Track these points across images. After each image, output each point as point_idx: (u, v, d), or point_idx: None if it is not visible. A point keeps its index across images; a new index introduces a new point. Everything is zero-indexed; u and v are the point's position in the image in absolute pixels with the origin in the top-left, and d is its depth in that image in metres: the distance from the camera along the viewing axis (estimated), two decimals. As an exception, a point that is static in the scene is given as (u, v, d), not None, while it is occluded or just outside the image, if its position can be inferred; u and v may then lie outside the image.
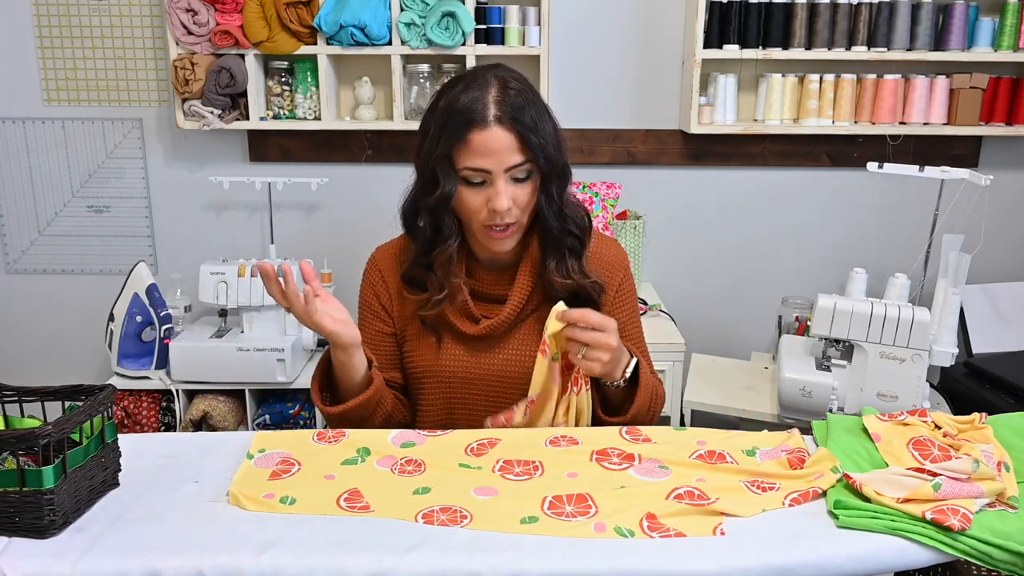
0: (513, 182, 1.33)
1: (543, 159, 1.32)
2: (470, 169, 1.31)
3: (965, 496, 1.06)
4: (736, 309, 2.85)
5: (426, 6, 2.46)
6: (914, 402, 1.80)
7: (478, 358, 1.43)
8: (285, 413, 2.51)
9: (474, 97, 1.30)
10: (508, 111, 1.30)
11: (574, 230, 1.41)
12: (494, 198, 1.31)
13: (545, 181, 1.35)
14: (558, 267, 1.40)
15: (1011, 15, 2.46)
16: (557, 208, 1.37)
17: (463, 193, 1.33)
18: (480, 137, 1.29)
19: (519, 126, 1.30)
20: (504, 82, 1.33)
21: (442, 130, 1.32)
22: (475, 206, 1.34)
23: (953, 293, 1.89)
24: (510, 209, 1.32)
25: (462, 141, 1.30)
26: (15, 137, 2.73)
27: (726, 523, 1.05)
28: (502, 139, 1.29)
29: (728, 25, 2.48)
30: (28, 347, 2.89)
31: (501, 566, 0.97)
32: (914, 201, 2.63)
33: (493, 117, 1.29)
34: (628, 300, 1.53)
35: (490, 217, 1.33)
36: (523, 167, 1.32)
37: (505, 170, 1.31)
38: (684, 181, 2.75)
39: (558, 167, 1.35)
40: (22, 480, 1.00)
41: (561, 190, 1.38)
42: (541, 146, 1.31)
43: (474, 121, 1.29)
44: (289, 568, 0.96)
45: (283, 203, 2.73)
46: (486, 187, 1.32)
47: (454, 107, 1.31)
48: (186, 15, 2.45)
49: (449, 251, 1.38)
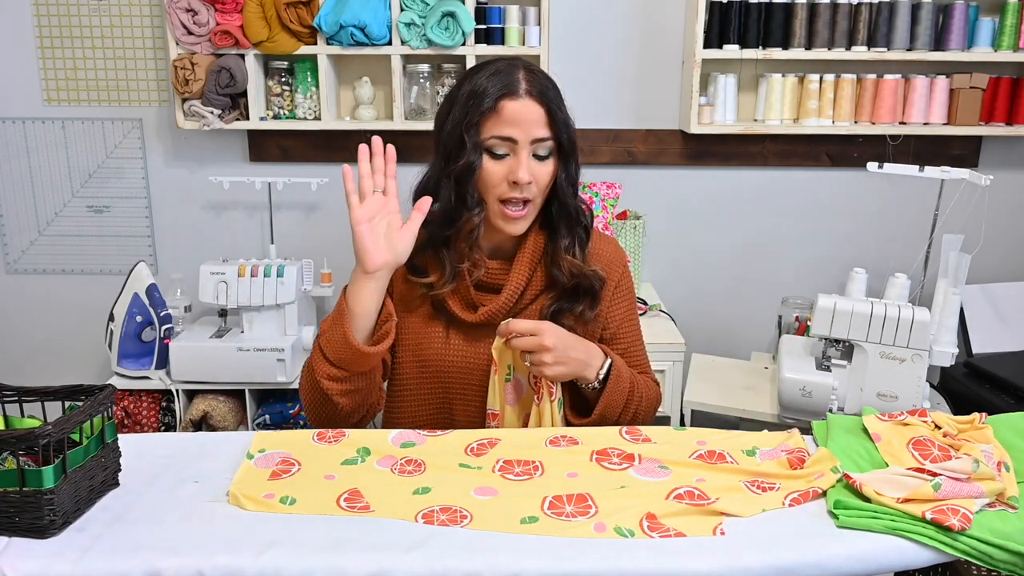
0: (535, 159, 1.37)
1: (565, 136, 1.38)
2: (497, 138, 1.35)
3: (965, 496, 1.06)
4: (736, 309, 2.85)
5: (426, 6, 2.46)
6: (914, 402, 1.80)
7: (476, 347, 1.44)
8: (285, 413, 2.51)
9: (504, 74, 1.36)
10: (537, 87, 1.36)
11: (584, 220, 1.46)
12: (516, 168, 1.35)
13: (565, 160, 1.40)
14: (569, 247, 1.43)
15: (1011, 15, 2.46)
16: (574, 190, 1.43)
17: (486, 164, 1.37)
18: (511, 106, 1.34)
19: (547, 101, 1.36)
20: (530, 66, 1.40)
21: (470, 102, 1.36)
22: (495, 179, 1.37)
23: (953, 293, 1.89)
24: (530, 183, 1.36)
25: (493, 109, 1.35)
26: (15, 137, 2.73)
27: (726, 523, 1.05)
28: (532, 111, 1.35)
29: (728, 25, 2.48)
30: (28, 347, 2.89)
31: (501, 566, 0.97)
32: (914, 201, 2.62)
33: (524, 90, 1.35)
34: (626, 297, 1.54)
35: (510, 189, 1.36)
36: (547, 143, 1.37)
37: (531, 142, 1.35)
38: (684, 181, 2.75)
39: (574, 148, 1.41)
40: (22, 480, 1.00)
41: (577, 172, 1.43)
42: (564, 123, 1.38)
43: (506, 92, 1.35)
44: (289, 568, 0.96)
45: (283, 203, 2.73)
46: (508, 159, 1.36)
47: (483, 84, 1.36)
48: (186, 15, 2.45)
49: (474, 221, 1.39)
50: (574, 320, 1.43)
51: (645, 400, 1.46)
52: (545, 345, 1.31)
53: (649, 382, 1.52)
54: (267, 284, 2.41)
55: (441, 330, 1.46)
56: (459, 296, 1.44)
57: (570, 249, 1.43)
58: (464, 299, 1.44)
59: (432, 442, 1.27)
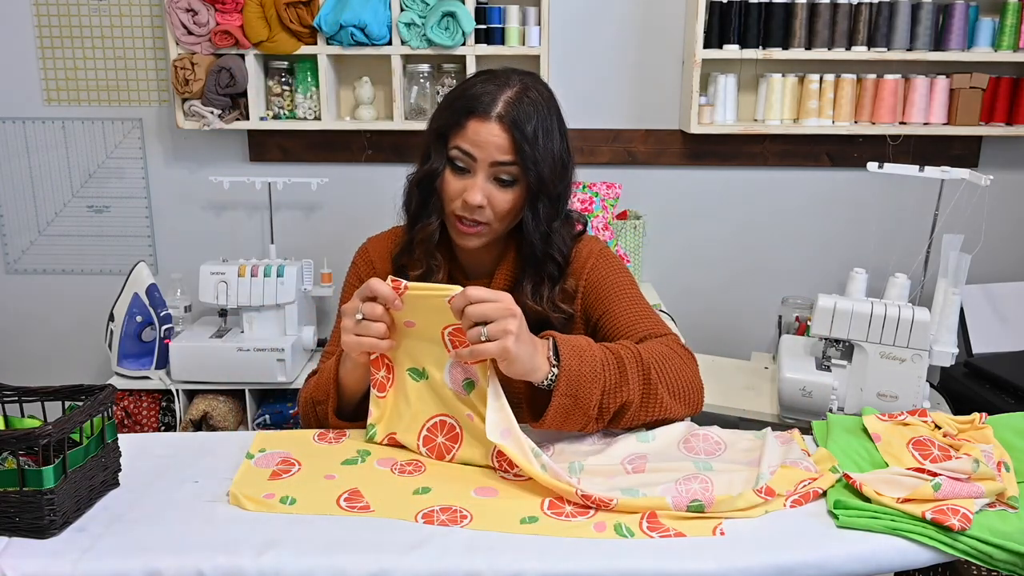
0: (496, 183, 1.31)
1: (533, 173, 1.29)
2: (459, 150, 1.30)
3: (965, 496, 1.06)
4: (736, 309, 2.85)
5: (426, 6, 2.46)
6: (914, 402, 1.80)
7: None
8: (285, 413, 2.51)
9: (488, 90, 1.30)
10: (512, 114, 1.28)
11: (557, 257, 1.36)
12: (470, 189, 1.30)
13: (533, 198, 1.32)
14: (533, 291, 1.36)
15: (1011, 15, 2.46)
16: (544, 231, 1.34)
17: (447, 175, 1.33)
18: (475, 126, 1.28)
19: (517, 132, 1.27)
20: (525, 89, 1.31)
21: (447, 108, 1.33)
22: (453, 192, 1.32)
23: (953, 293, 1.89)
24: (482, 207, 1.30)
25: (459, 125, 1.30)
26: (15, 137, 2.73)
27: (726, 523, 1.05)
28: (496, 136, 1.28)
29: (728, 25, 2.48)
30: (28, 347, 2.89)
31: (501, 566, 0.97)
32: (914, 201, 2.63)
33: (495, 114, 1.28)
34: (601, 283, 1.42)
35: (462, 208, 1.32)
36: (508, 169, 1.29)
37: (490, 164, 1.29)
38: (684, 181, 2.75)
39: (550, 189, 1.32)
40: (22, 480, 1.00)
41: (551, 214, 1.34)
42: (535, 160, 1.28)
43: (476, 110, 1.29)
44: (289, 568, 0.96)
45: (283, 203, 2.73)
46: (468, 177, 1.31)
47: (466, 92, 1.32)
48: (186, 15, 2.45)
49: (430, 228, 1.35)
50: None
51: (656, 363, 1.24)
52: (512, 310, 1.13)
53: (655, 345, 1.30)
54: (267, 284, 2.42)
55: None
56: None
57: (536, 292, 1.35)
58: None
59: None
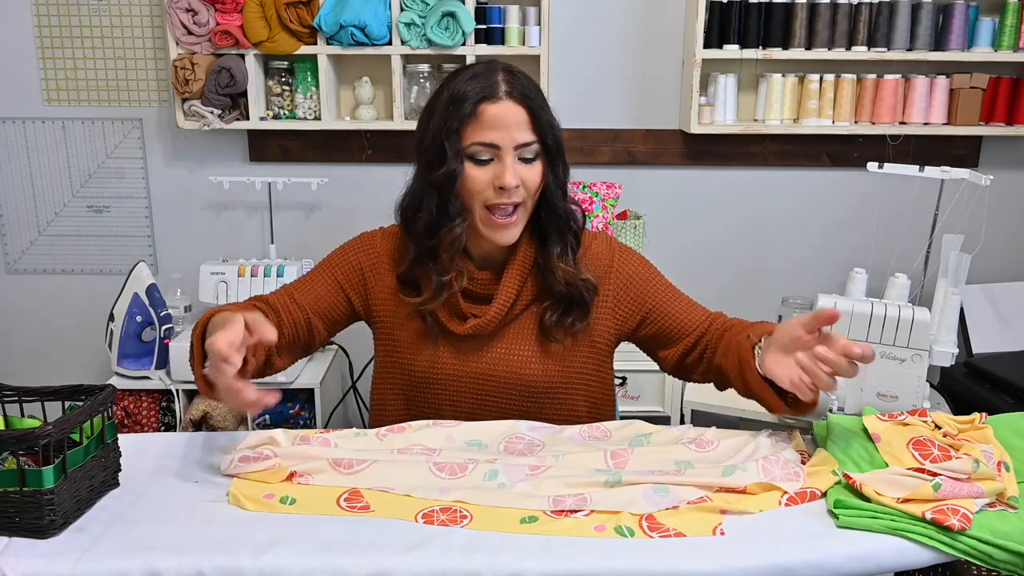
0: (521, 162, 1.32)
1: (551, 136, 1.33)
2: (479, 144, 1.31)
3: (965, 496, 1.06)
4: (736, 309, 2.83)
5: (426, 6, 2.46)
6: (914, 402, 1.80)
7: (466, 358, 1.40)
8: (285, 413, 2.51)
9: (483, 78, 1.32)
10: (518, 88, 1.32)
11: (573, 225, 1.41)
12: (502, 174, 1.30)
13: (552, 162, 1.36)
14: (561, 255, 1.38)
15: (1011, 15, 2.46)
16: (563, 193, 1.38)
17: (469, 171, 1.32)
18: (492, 109, 1.30)
19: (530, 102, 1.31)
20: (510, 69, 1.35)
21: (449, 108, 1.32)
22: (481, 184, 1.32)
23: (953, 293, 1.89)
24: (518, 187, 1.32)
25: (473, 115, 1.30)
26: (15, 137, 2.73)
27: (726, 523, 1.05)
28: (514, 113, 1.31)
29: (728, 25, 2.48)
30: (28, 347, 2.88)
31: (501, 566, 0.97)
32: (914, 201, 2.62)
33: (504, 92, 1.31)
34: (638, 274, 1.53)
35: (496, 195, 1.32)
36: (532, 147, 1.32)
37: (515, 147, 1.31)
38: (684, 181, 2.75)
39: (563, 151, 1.37)
40: (22, 480, 1.00)
41: (566, 175, 1.39)
42: (549, 123, 1.33)
43: (486, 95, 1.30)
44: (289, 568, 0.96)
45: (283, 203, 2.73)
46: (493, 164, 1.32)
47: (463, 88, 1.32)
48: (186, 15, 2.45)
49: (456, 231, 1.35)
50: (563, 333, 1.39)
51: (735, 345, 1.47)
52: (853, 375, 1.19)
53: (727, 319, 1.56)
54: (267, 284, 2.41)
55: (431, 344, 1.41)
56: (448, 307, 1.39)
57: (562, 256, 1.38)
58: (453, 310, 1.39)
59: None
